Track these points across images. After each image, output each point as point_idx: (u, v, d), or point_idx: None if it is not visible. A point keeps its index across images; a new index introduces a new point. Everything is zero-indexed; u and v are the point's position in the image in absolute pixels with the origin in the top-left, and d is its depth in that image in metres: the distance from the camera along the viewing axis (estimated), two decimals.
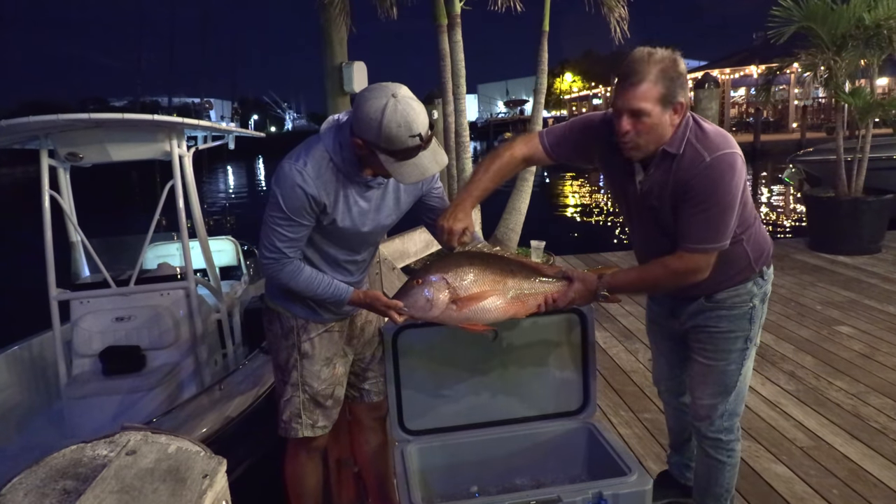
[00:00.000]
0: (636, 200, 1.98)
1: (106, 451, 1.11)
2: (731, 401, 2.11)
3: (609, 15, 5.68)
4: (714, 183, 1.78)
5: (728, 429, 2.14)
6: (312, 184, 1.83)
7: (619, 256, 7.12)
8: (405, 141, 1.71)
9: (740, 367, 2.08)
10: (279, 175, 1.85)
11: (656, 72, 1.73)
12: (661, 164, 1.86)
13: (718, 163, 1.78)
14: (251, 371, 3.30)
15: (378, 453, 2.44)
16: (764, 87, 7.60)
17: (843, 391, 3.56)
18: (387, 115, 1.68)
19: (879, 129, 7.00)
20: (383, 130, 1.69)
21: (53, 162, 3.70)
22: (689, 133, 1.83)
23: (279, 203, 1.84)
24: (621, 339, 4.56)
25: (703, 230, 1.82)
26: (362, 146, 1.78)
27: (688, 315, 2.10)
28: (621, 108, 1.79)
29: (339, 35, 5.67)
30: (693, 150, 1.81)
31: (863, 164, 6.58)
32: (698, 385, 2.15)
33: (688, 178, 1.81)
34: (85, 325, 3.60)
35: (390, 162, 1.76)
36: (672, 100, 1.76)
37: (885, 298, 5.16)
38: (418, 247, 3.68)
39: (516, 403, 2.25)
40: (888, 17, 5.92)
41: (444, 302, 1.83)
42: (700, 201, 1.79)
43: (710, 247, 1.83)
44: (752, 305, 2.03)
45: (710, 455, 2.17)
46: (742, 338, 2.05)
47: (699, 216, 1.81)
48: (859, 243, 6.62)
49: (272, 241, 1.89)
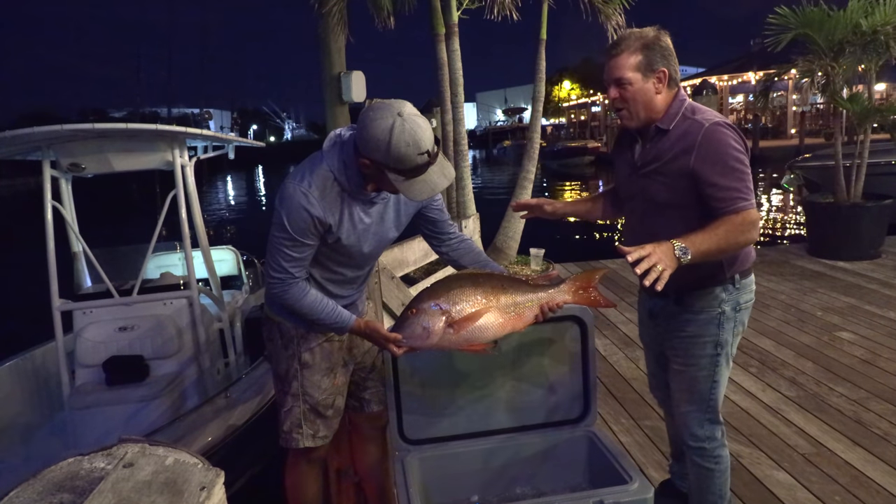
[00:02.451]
0: (632, 178, 2.07)
1: (103, 463, 1.10)
2: (708, 409, 2.10)
3: (606, 23, 5.71)
4: (718, 144, 1.86)
5: (710, 436, 2.13)
6: (317, 204, 1.82)
7: (619, 263, 7.12)
8: (414, 159, 1.70)
9: (712, 374, 2.07)
10: (283, 196, 1.84)
11: (636, 44, 1.90)
12: (655, 138, 1.97)
13: (715, 128, 1.87)
14: (256, 379, 3.30)
15: (378, 463, 2.43)
16: (762, 94, 7.63)
17: (844, 397, 3.54)
18: (394, 135, 1.67)
19: (878, 135, 7.00)
20: (392, 151, 1.69)
21: (56, 173, 3.72)
22: (684, 110, 1.94)
23: (284, 224, 1.84)
24: (622, 346, 4.55)
25: (733, 189, 1.83)
26: (370, 166, 1.77)
27: (664, 316, 2.14)
28: (607, 79, 1.96)
29: (338, 44, 5.69)
30: (689, 121, 1.92)
31: (861, 169, 6.59)
32: (676, 394, 2.16)
33: (689, 147, 1.88)
34: (88, 335, 3.60)
35: (400, 181, 1.75)
36: (653, 67, 1.91)
37: (886, 304, 5.15)
38: (417, 255, 3.67)
39: (516, 412, 2.24)
40: (885, 23, 5.94)
41: (441, 328, 1.82)
42: (717, 165, 1.85)
43: (748, 201, 1.84)
44: (721, 311, 2.02)
45: (699, 464, 2.17)
46: (711, 343, 2.04)
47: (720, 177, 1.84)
48: (859, 249, 6.62)
49: (278, 261, 1.89)
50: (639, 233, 2.08)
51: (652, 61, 1.90)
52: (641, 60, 1.90)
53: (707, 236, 1.80)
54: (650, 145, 2.00)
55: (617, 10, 5.66)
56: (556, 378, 2.24)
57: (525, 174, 5.58)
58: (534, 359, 2.22)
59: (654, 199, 2.01)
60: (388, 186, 1.82)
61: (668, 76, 1.93)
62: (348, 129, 1.92)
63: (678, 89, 1.99)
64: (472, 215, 4.68)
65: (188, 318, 3.69)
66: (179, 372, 3.65)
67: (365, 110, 1.78)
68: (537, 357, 2.22)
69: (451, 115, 5.34)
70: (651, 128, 1.98)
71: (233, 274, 5.29)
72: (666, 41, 1.92)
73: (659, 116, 1.96)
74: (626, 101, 1.94)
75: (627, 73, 1.91)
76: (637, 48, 1.90)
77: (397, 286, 3.28)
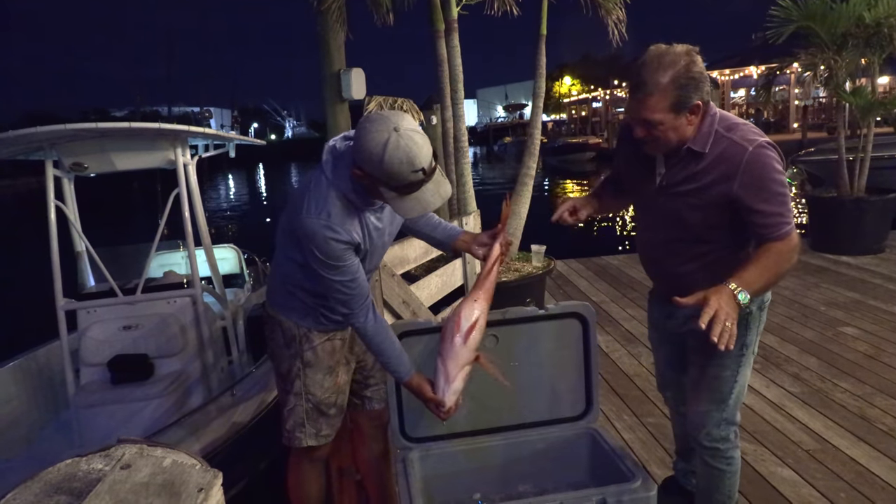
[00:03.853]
0: (655, 196, 1.96)
1: (101, 464, 1.09)
2: (727, 409, 2.06)
3: (607, 17, 5.68)
4: (764, 170, 1.76)
5: (725, 437, 2.09)
6: (343, 231, 1.80)
7: (620, 260, 7.11)
8: (408, 177, 1.67)
9: (735, 375, 2.03)
10: (306, 233, 1.80)
11: (666, 82, 1.69)
12: (686, 160, 1.85)
13: (759, 151, 1.76)
14: (261, 377, 3.30)
15: (380, 461, 2.43)
16: (764, 88, 7.58)
17: (848, 393, 3.53)
18: (388, 150, 1.63)
19: (881, 128, 6.97)
20: (385, 167, 1.65)
21: (58, 172, 3.72)
22: (717, 126, 1.80)
23: (321, 259, 1.81)
24: (623, 342, 4.54)
25: (778, 215, 1.77)
26: (363, 177, 1.74)
27: (685, 316, 2.06)
28: (633, 117, 1.79)
29: (337, 41, 5.67)
30: (727, 142, 1.79)
31: (865, 163, 6.56)
32: (694, 392, 2.11)
33: (732, 172, 1.77)
34: (92, 334, 3.60)
35: (392, 196, 1.73)
36: (686, 104, 1.73)
37: (890, 298, 5.13)
38: (418, 252, 3.66)
39: (518, 409, 2.23)
40: (888, 16, 5.90)
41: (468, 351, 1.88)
42: (762, 192, 1.76)
43: (791, 224, 1.78)
44: (749, 311, 1.99)
45: (710, 464, 2.13)
46: (738, 343, 1.96)
47: (766, 204, 1.77)
48: (863, 243, 6.59)
49: (343, 293, 1.88)
50: (659, 248, 2.03)
51: (686, 99, 1.72)
52: (673, 101, 1.71)
53: (759, 272, 1.74)
54: (680, 166, 1.87)
55: (617, 5, 5.63)
56: (558, 375, 2.23)
57: (526, 171, 5.56)
58: (536, 355, 2.21)
59: (685, 221, 1.90)
60: (381, 198, 1.80)
61: (702, 106, 1.77)
62: (342, 138, 1.89)
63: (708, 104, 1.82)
64: (472, 212, 4.67)
65: (192, 316, 3.69)
66: (183, 370, 3.66)
67: (362, 121, 1.74)
68: (539, 353, 2.21)
69: (451, 112, 5.32)
70: (682, 150, 1.83)
71: (234, 272, 5.29)
72: (698, 67, 1.72)
73: (691, 139, 1.82)
74: (656, 139, 1.80)
75: (657, 116, 1.73)
76: (668, 87, 1.69)
77: (398, 283, 3.26)
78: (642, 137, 1.81)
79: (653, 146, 1.85)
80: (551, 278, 5.53)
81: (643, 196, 2.05)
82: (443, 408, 1.92)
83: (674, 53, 1.71)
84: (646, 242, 2.13)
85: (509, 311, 2.17)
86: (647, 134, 1.79)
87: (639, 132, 1.80)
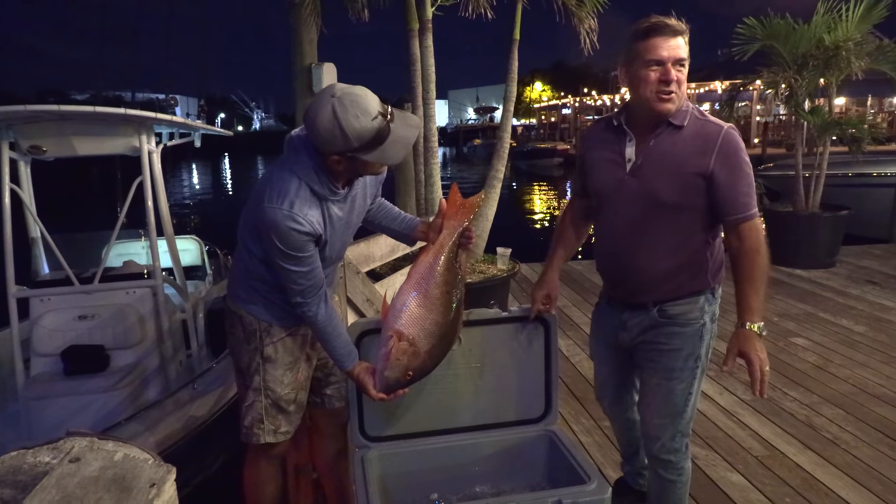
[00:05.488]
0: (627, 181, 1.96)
1: (48, 457, 1.06)
2: (682, 422, 2.08)
3: (579, 25, 5.74)
4: (737, 148, 1.89)
5: (678, 449, 2.11)
6: (304, 221, 1.79)
7: (584, 265, 7.20)
8: (370, 126, 1.69)
9: (690, 387, 2.05)
10: (267, 223, 1.79)
11: (686, 28, 1.86)
12: (664, 134, 1.92)
13: (734, 132, 1.90)
14: (223, 371, 3.24)
15: (338, 460, 2.40)
16: (727, 103, 7.78)
17: (797, 401, 3.64)
18: (339, 116, 1.66)
19: (836, 147, 7.21)
20: (347, 132, 1.67)
21: (14, 155, 3.58)
22: (692, 109, 1.94)
23: (280, 249, 1.80)
24: (584, 347, 4.59)
25: (747, 196, 1.89)
26: (341, 160, 1.75)
27: (639, 328, 2.07)
28: (668, 58, 1.83)
29: (310, 36, 5.60)
30: (704, 122, 1.92)
31: (820, 180, 6.78)
32: (648, 405, 2.12)
33: (708, 146, 1.87)
34: (45, 323, 3.48)
35: (373, 155, 1.73)
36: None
37: (839, 312, 5.31)
38: (384, 251, 3.65)
39: (478, 410, 2.24)
40: (847, 39, 6.11)
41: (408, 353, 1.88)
42: (735, 169, 1.87)
43: (756, 212, 1.90)
44: (703, 323, 2.02)
45: (662, 476, 2.15)
46: (692, 356, 2.03)
47: (739, 181, 1.87)
48: (816, 257, 6.81)
49: (298, 283, 1.87)
50: (625, 234, 2.01)
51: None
52: (688, 49, 1.87)
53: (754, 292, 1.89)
54: (655, 141, 1.92)
55: (590, 14, 5.70)
56: (519, 377, 2.25)
57: (494, 173, 5.59)
58: (497, 357, 2.22)
59: (658, 198, 1.92)
60: (366, 170, 1.80)
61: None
62: (302, 129, 1.88)
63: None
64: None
65: (151, 307, 3.60)
66: (141, 362, 3.56)
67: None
68: (500, 356, 2.23)
69: (422, 112, 5.31)
70: (661, 123, 1.91)
71: (196, 264, 5.18)
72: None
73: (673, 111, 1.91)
74: (680, 85, 1.87)
75: (685, 54, 1.86)
76: (685, 34, 1.86)
77: (362, 281, 3.25)
78: (670, 82, 1.83)
79: (675, 100, 1.87)
80: (515, 281, 5.57)
81: (610, 187, 2.02)
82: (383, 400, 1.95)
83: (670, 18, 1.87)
84: (608, 235, 2.09)
85: (473, 312, 2.17)
86: (676, 76, 1.84)
87: (674, 73, 1.83)
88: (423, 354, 1.88)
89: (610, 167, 2.01)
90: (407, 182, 5.83)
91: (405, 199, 5.89)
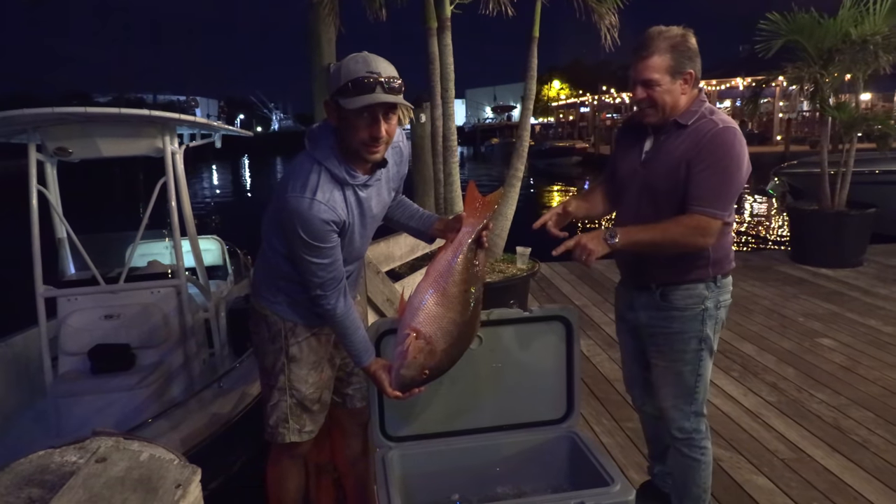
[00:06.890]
0: (637, 172, 2.10)
1: (75, 457, 1.07)
2: (695, 402, 2.16)
3: (600, 22, 5.68)
4: (721, 147, 1.93)
5: (696, 429, 2.19)
6: (327, 208, 1.80)
7: (604, 264, 7.14)
8: (361, 73, 1.72)
9: (696, 368, 2.13)
10: (289, 212, 1.79)
11: (665, 45, 1.93)
12: (672, 133, 2.01)
13: (727, 131, 1.94)
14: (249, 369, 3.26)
15: (359, 460, 2.41)
16: (751, 100, 7.67)
17: (824, 403, 3.57)
18: (347, 59, 1.77)
19: (862, 144, 7.06)
20: (342, 70, 1.74)
21: (41, 156, 3.64)
22: (703, 110, 2.00)
23: (303, 238, 1.80)
24: (605, 347, 4.55)
25: (709, 191, 1.93)
26: (332, 107, 1.79)
27: (645, 310, 2.17)
28: (635, 79, 1.99)
29: (328, 35, 5.62)
30: (706, 120, 1.98)
31: (846, 177, 6.65)
32: (659, 388, 2.21)
33: (698, 140, 1.95)
34: (72, 322, 3.54)
35: (350, 102, 1.72)
36: (681, 70, 1.95)
37: (867, 312, 5.20)
38: (404, 250, 3.64)
39: (499, 411, 2.22)
40: (874, 33, 5.98)
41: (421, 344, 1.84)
42: (708, 164, 1.93)
43: (715, 212, 1.93)
44: (705, 308, 2.10)
45: (685, 454, 2.21)
46: (695, 338, 2.11)
47: (705, 174, 1.93)
48: (842, 256, 6.68)
49: (317, 275, 1.87)
50: (633, 220, 2.10)
51: (680, 63, 1.95)
52: (670, 63, 1.94)
53: (645, 228, 1.96)
54: (664, 138, 2.04)
55: (611, 10, 5.64)
56: (540, 378, 2.23)
57: (514, 172, 5.56)
58: (518, 358, 2.21)
59: (654, 186, 2.05)
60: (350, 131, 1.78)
61: (693, 77, 1.98)
62: (322, 122, 1.92)
63: (700, 90, 2.05)
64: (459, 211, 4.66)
65: (175, 306, 3.64)
66: (165, 361, 3.61)
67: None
68: (522, 356, 2.21)
69: (440, 111, 5.29)
70: (669, 123, 2.01)
71: (217, 264, 5.23)
72: (692, 41, 1.96)
73: (679, 113, 2.01)
74: (654, 102, 1.98)
75: (656, 75, 1.95)
76: (666, 49, 1.93)
77: (382, 281, 3.25)
78: (641, 100, 1.99)
79: (651, 113, 2.01)
80: (535, 281, 5.54)
81: (626, 176, 2.16)
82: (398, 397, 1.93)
83: (672, 28, 1.97)
84: (621, 219, 2.22)
85: (494, 312, 2.16)
86: (646, 96, 1.97)
87: (639, 93, 1.99)
88: (440, 353, 1.86)
89: (631, 157, 2.15)
90: (426, 181, 5.82)
91: (424, 199, 5.88)
